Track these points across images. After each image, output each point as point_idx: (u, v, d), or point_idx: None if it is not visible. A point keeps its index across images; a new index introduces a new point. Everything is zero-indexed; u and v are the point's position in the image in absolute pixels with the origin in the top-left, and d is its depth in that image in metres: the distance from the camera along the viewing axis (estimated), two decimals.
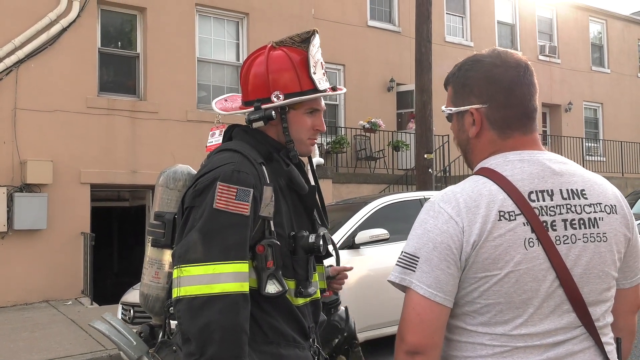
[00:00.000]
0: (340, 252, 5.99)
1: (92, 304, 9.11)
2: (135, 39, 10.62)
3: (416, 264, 1.43)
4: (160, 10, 10.58)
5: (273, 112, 1.84)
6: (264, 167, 1.80)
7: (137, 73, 10.55)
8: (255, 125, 1.86)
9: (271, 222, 1.77)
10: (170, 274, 1.84)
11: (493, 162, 1.51)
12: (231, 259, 1.64)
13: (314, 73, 1.86)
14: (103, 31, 10.34)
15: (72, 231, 9.59)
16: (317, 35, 1.90)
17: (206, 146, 2.19)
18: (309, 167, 2.08)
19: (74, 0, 9.72)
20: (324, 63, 1.95)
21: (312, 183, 1.99)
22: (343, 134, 14.36)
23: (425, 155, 9.95)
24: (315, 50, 1.88)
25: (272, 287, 1.73)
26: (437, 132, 11.83)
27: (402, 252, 1.48)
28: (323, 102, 1.96)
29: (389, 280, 1.49)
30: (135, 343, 1.91)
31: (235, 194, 1.68)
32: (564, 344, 1.43)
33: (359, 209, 6.46)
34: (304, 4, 12.32)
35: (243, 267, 1.66)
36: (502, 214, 1.41)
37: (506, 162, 1.49)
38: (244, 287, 1.65)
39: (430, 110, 10.04)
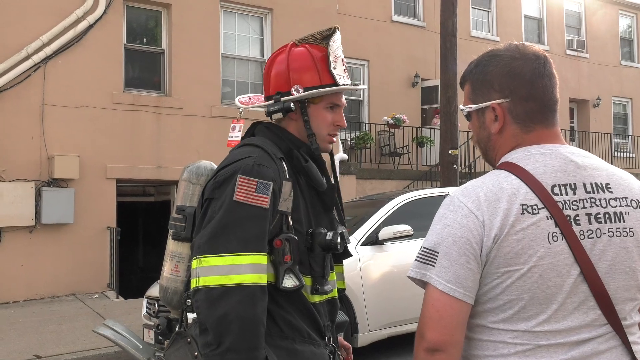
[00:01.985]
0: (364, 248, 5.98)
1: (117, 298, 9.22)
2: (161, 35, 10.71)
3: (435, 259, 1.41)
4: (185, 7, 10.64)
5: (292, 104, 1.88)
6: (283, 163, 1.83)
7: (162, 69, 10.64)
8: (274, 117, 1.90)
9: (289, 217, 1.79)
10: (190, 268, 1.85)
11: (514, 156, 1.49)
12: (250, 250, 1.67)
13: (334, 68, 1.90)
14: (129, 28, 10.44)
15: (99, 225, 9.71)
16: (338, 32, 1.93)
17: (228, 141, 2.24)
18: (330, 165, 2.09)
19: None
20: (345, 59, 1.98)
21: (332, 181, 2.01)
22: (367, 129, 14.31)
23: (450, 151, 9.86)
24: (336, 47, 1.91)
25: (289, 282, 1.75)
26: (461, 128, 11.72)
27: (421, 247, 1.46)
28: (344, 99, 1.98)
29: (408, 276, 1.47)
30: (141, 346, 1.95)
31: (255, 186, 1.71)
32: (588, 342, 1.39)
33: (383, 204, 6.43)
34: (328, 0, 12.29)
35: (262, 259, 1.68)
36: (524, 207, 1.39)
37: (528, 156, 1.47)
38: (262, 279, 1.67)
39: (455, 106, 9.94)
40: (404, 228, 5.96)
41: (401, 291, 5.90)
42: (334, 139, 1.98)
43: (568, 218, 1.40)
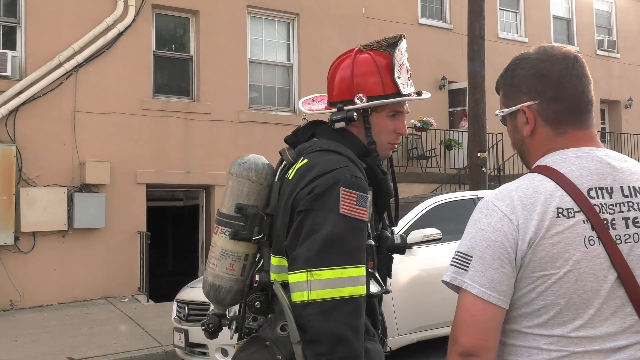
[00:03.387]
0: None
1: (148, 301, 9.33)
2: (189, 41, 10.83)
3: (469, 263, 1.40)
4: (213, 13, 10.75)
5: (355, 114, 1.89)
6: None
7: (190, 75, 10.75)
8: (336, 125, 1.90)
9: (369, 225, 1.84)
10: (245, 267, 1.93)
11: (549, 160, 1.47)
12: (355, 262, 1.70)
13: (398, 77, 1.91)
14: (157, 35, 10.58)
15: (129, 230, 9.85)
16: (404, 40, 1.95)
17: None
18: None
19: (130, 5, 9.98)
20: (409, 67, 2.00)
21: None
22: None
23: (479, 154, 9.77)
24: (401, 55, 1.94)
25: (373, 287, 1.82)
26: (490, 131, 11.62)
27: (455, 251, 1.46)
28: (407, 105, 2.00)
29: (442, 281, 1.47)
30: None
31: (355, 199, 1.72)
32: (625, 349, 1.37)
33: (411, 208, 6.40)
34: (354, 4, 12.30)
35: (363, 270, 1.73)
36: (560, 210, 1.37)
37: (563, 159, 1.45)
38: (364, 289, 1.72)
39: (483, 109, 9.86)
40: (433, 232, 5.91)
41: (430, 295, 5.87)
42: (395, 146, 2.02)
43: (605, 222, 1.38)
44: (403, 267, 5.91)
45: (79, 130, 9.57)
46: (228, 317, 2.04)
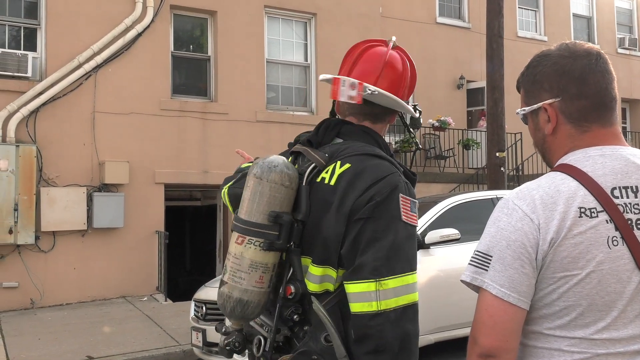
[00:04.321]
0: None
1: (166, 300, 9.38)
2: (206, 42, 10.87)
3: (489, 263, 1.39)
4: (230, 13, 10.78)
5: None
6: None
7: (208, 75, 10.80)
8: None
9: None
10: (272, 278, 1.81)
11: (572, 158, 1.45)
12: (414, 269, 1.70)
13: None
14: (175, 35, 10.64)
15: (147, 229, 9.91)
16: None
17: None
18: None
19: (149, 6, 10.04)
20: None
21: None
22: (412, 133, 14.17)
23: (497, 154, 9.70)
24: None
25: None
26: (509, 130, 11.53)
27: (475, 250, 1.44)
28: None
29: (461, 280, 1.45)
30: None
31: (409, 206, 1.73)
32: None
33: (429, 208, 6.36)
34: (371, 3, 12.26)
35: (416, 276, 1.74)
36: (582, 210, 1.35)
37: (586, 158, 1.43)
38: (417, 294, 1.73)
39: (502, 108, 9.78)
40: (451, 232, 5.87)
41: (449, 296, 5.82)
42: None
43: (629, 222, 1.35)
44: (420, 267, 5.83)
45: (98, 131, 9.65)
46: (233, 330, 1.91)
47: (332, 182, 1.75)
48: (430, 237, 5.91)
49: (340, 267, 1.71)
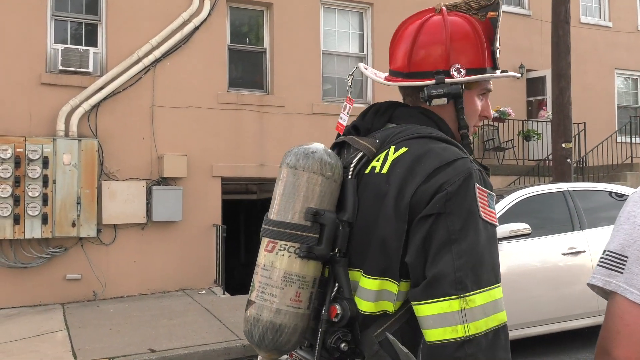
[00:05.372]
0: None
1: (224, 294, 9.39)
2: (263, 34, 10.82)
3: (624, 265, 1.22)
4: (287, 5, 10.69)
5: (461, 88, 1.51)
6: None
7: (264, 68, 10.75)
8: (436, 102, 1.50)
9: None
10: (312, 296, 1.43)
11: None
12: (499, 281, 1.33)
13: (497, 48, 1.58)
14: (232, 28, 10.62)
15: (205, 223, 9.95)
16: (500, 3, 1.58)
17: (337, 123, 1.90)
18: None
19: (205, 0, 10.05)
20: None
21: None
22: None
23: (564, 145, 9.31)
24: (499, 23, 1.58)
25: None
26: (573, 120, 11.08)
27: (604, 251, 1.27)
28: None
29: (589, 284, 1.27)
30: None
31: (487, 200, 1.35)
32: None
33: (497, 201, 6.11)
34: None
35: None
36: None
37: None
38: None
39: (568, 97, 9.39)
40: (522, 226, 5.63)
41: (516, 293, 5.58)
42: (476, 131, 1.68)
43: None
44: None
45: (157, 125, 9.73)
46: None
47: (385, 171, 1.41)
48: (499, 231, 5.66)
49: (403, 279, 1.35)
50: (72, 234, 8.93)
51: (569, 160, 9.37)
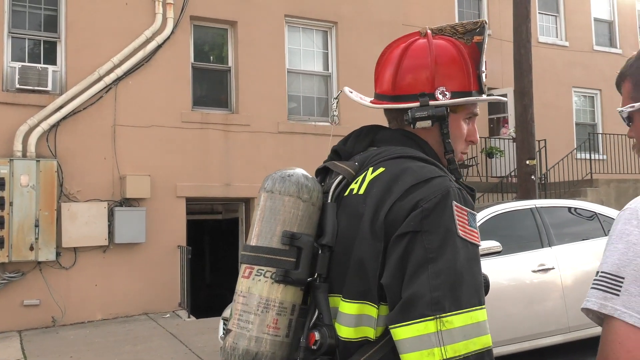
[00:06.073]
0: None
1: (189, 317, 9.16)
2: (227, 52, 10.72)
3: (620, 286, 1.15)
4: (251, 23, 10.62)
5: (446, 111, 1.50)
6: None
7: (229, 86, 10.64)
8: (419, 125, 1.49)
9: None
10: (291, 323, 1.38)
11: None
12: (483, 302, 1.28)
13: (483, 72, 1.56)
14: (196, 46, 10.49)
15: (169, 244, 9.72)
16: (486, 27, 1.59)
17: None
18: None
19: (168, 17, 9.91)
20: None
21: None
22: None
23: (528, 162, 9.43)
24: (485, 46, 1.58)
25: None
26: (536, 137, 11.25)
27: (598, 272, 1.20)
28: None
29: (583, 308, 1.21)
30: None
31: (467, 218, 1.31)
32: None
33: None
34: (392, 11, 12.07)
35: (486, 313, 1.31)
36: None
37: None
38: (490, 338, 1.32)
39: (531, 114, 9.54)
40: (493, 244, 5.62)
41: (492, 312, 5.55)
42: (464, 158, 1.63)
43: None
44: None
45: (119, 144, 9.49)
46: None
47: (362, 191, 1.39)
48: None
49: (382, 302, 1.30)
50: (30, 258, 8.60)
51: (533, 177, 9.49)
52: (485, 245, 5.64)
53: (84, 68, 9.33)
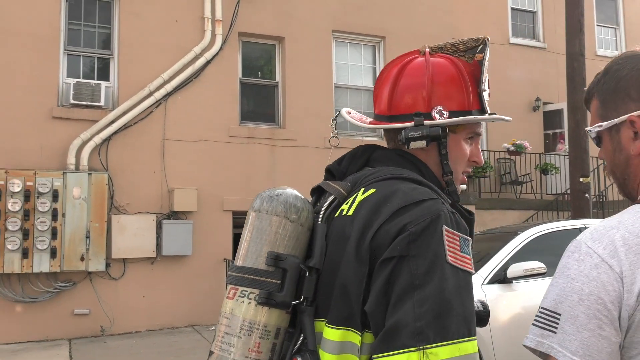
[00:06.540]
0: (490, 287, 5.49)
1: None
2: (274, 68, 10.82)
3: (557, 323, 1.09)
4: (298, 39, 10.70)
5: (442, 131, 1.44)
6: None
7: (276, 101, 10.72)
8: (414, 145, 1.44)
9: None
10: (275, 348, 1.34)
11: None
12: (473, 333, 1.21)
13: (484, 90, 1.50)
14: (244, 62, 10.64)
15: (215, 257, 9.82)
16: (488, 44, 1.52)
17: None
18: None
19: (217, 34, 10.09)
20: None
21: None
22: (486, 157, 13.67)
23: (581, 179, 9.10)
24: (487, 64, 1.52)
25: None
26: (592, 154, 10.87)
27: (539, 307, 1.14)
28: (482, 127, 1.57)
29: (524, 345, 1.14)
30: None
31: (459, 244, 1.24)
32: None
33: (510, 239, 5.93)
34: (441, 24, 11.95)
35: (476, 344, 1.23)
36: None
37: None
38: None
39: (584, 130, 9.19)
40: (536, 265, 5.43)
41: None
42: (466, 179, 1.56)
43: None
44: (503, 304, 5.44)
45: (168, 158, 9.69)
46: None
47: (350, 213, 1.34)
48: (513, 270, 5.48)
49: (366, 329, 1.24)
50: (80, 268, 8.85)
51: (587, 195, 9.14)
52: (529, 266, 5.47)
53: (135, 84, 9.60)
